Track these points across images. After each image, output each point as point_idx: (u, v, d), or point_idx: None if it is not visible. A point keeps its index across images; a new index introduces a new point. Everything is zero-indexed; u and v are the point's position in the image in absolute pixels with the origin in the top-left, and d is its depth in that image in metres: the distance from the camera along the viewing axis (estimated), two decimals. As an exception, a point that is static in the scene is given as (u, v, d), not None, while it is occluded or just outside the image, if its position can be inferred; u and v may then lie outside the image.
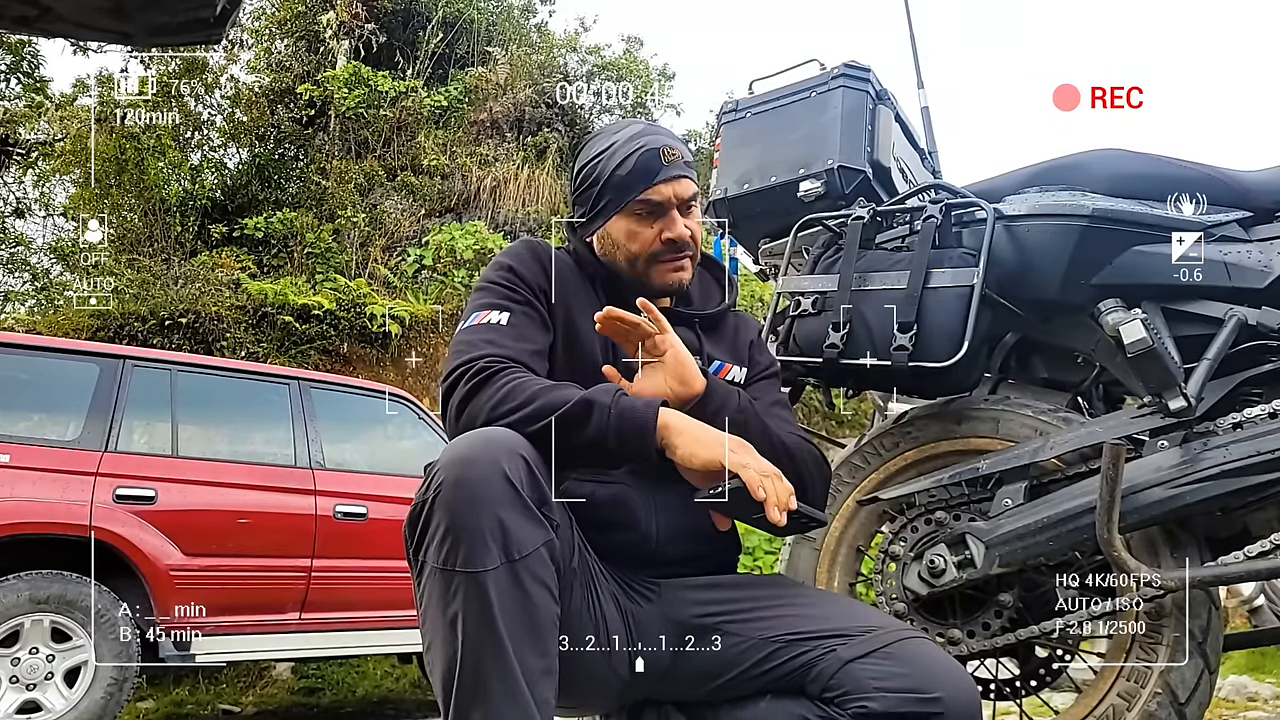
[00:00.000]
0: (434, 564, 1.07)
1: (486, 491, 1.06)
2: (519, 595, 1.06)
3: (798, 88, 2.26)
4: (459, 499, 1.06)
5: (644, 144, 1.38)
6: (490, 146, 10.33)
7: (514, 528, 1.06)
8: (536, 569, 1.08)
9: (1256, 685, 4.43)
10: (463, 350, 1.28)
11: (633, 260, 1.42)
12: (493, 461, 1.08)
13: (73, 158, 8.95)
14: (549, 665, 1.09)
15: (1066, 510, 1.71)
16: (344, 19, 10.35)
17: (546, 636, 1.09)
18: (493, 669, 1.04)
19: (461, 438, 1.14)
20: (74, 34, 1.94)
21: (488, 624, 1.04)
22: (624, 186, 1.38)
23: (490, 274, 1.40)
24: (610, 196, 1.40)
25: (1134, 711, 1.68)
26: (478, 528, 1.05)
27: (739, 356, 1.52)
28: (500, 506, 1.06)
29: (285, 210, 9.07)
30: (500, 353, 1.27)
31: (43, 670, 3.58)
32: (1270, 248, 1.79)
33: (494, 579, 1.05)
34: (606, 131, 1.47)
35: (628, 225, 1.40)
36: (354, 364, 7.61)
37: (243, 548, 4.07)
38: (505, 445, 1.11)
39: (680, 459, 1.18)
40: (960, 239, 1.93)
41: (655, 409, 1.19)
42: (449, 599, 1.06)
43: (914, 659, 1.17)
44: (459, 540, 1.05)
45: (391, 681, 5.98)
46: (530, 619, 1.07)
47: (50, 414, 4.13)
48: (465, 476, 1.07)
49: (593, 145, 1.45)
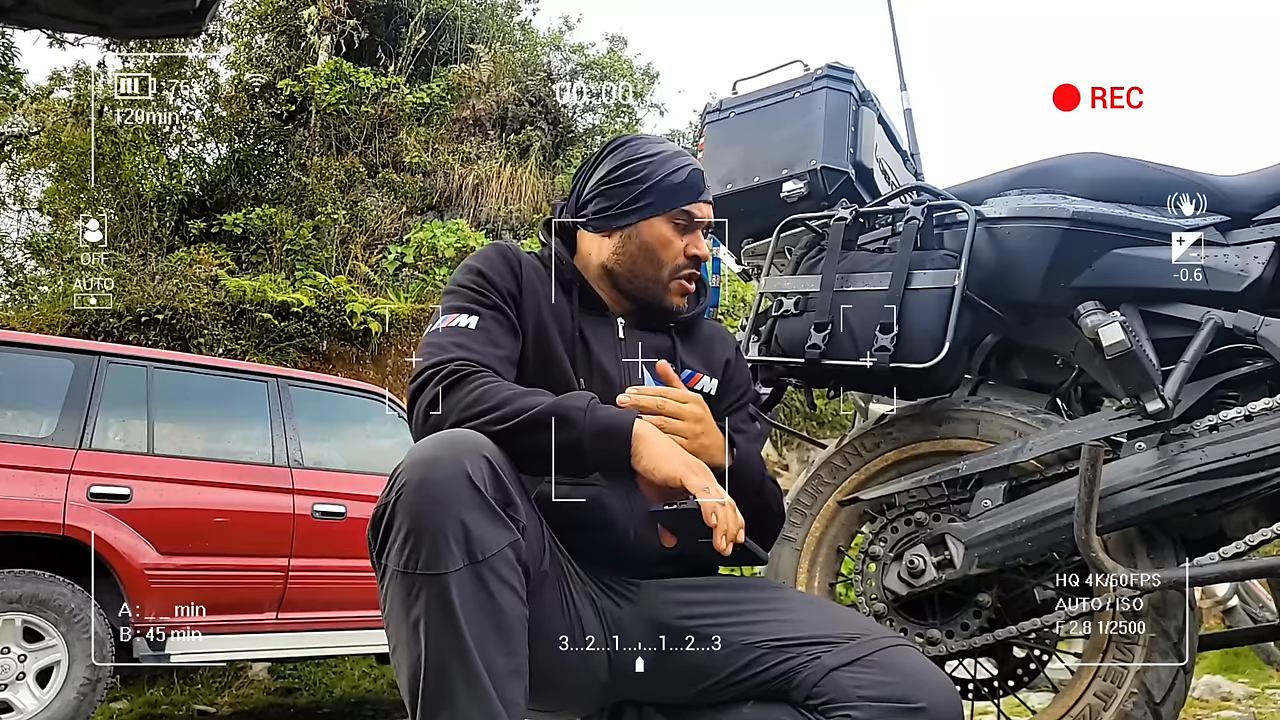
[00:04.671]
0: (395, 567, 1.06)
1: (449, 493, 1.06)
2: (483, 596, 1.05)
3: (781, 88, 2.26)
4: (421, 500, 1.06)
5: (691, 163, 1.45)
6: (473, 144, 10.29)
7: (476, 529, 1.05)
8: (501, 570, 1.07)
9: (1230, 685, 4.49)
10: (431, 353, 1.28)
11: (656, 268, 1.43)
12: (455, 462, 1.07)
13: (48, 151, 8.84)
14: (517, 666, 1.08)
15: (1045, 511, 1.72)
16: (325, 14, 10.27)
17: (513, 637, 1.08)
18: (457, 671, 1.03)
19: (425, 440, 1.13)
20: (51, 25, 1.92)
21: (451, 626, 1.04)
22: (673, 193, 1.42)
23: (459, 277, 1.39)
24: (655, 199, 1.42)
25: (1110, 711, 1.69)
26: (439, 529, 1.04)
27: (712, 367, 1.51)
28: (463, 508, 1.05)
29: (265, 206, 8.99)
30: (470, 356, 1.26)
31: (14, 670, 3.53)
32: (1247, 252, 1.80)
33: (456, 580, 1.04)
34: (648, 140, 1.48)
35: (663, 231, 1.43)
36: (334, 362, 7.55)
37: (219, 547, 4.03)
38: (469, 446, 1.10)
39: (643, 470, 1.18)
40: (942, 241, 1.94)
41: (632, 418, 1.20)
42: (411, 602, 1.05)
43: (899, 667, 1.17)
44: (420, 542, 1.05)
45: (369, 682, 5.94)
46: (496, 620, 1.06)
47: (23, 410, 4.08)
48: (428, 478, 1.06)
49: (635, 147, 1.45)
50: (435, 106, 10.59)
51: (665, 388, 1.32)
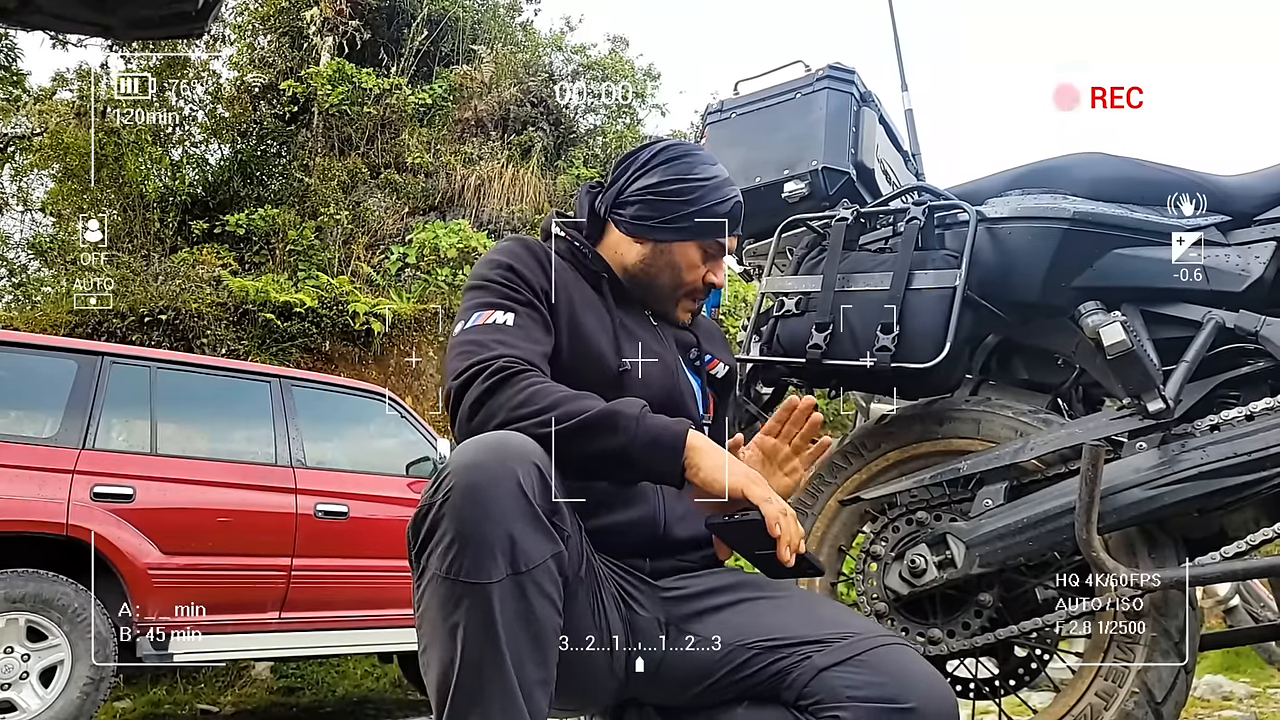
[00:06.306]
0: (437, 571, 1.05)
1: (497, 502, 1.04)
2: (522, 607, 1.04)
3: (783, 89, 2.27)
4: (468, 507, 1.04)
5: (736, 195, 1.45)
6: (475, 145, 10.30)
7: (522, 539, 1.04)
8: (542, 581, 1.06)
9: (1231, 684, 4.49)
10: (473, 350, 1.25)
11: (674, 285, 1.45)
12: (506, 470, 1.05)
13: (51, 152, 8.85)
14: (546, 676, 1.08)
15: (1046, 511, 1.72)
16: (328, 15, 10.29)
17: (547, 648, 1.07)
18: (491, 679, 1.03)
19: (473, 441, 1.11)
20: (54, 26, 1.92)
21: (489, 636, 1.03)
22: (714, 223, 1.42)
23: (487, 272, 1.36)
24: (695, 225, 1.42)
25: (1111, 710, 1.69)
26: (485, 540, 1.03)
27: (722, 353, 1.55)
28: (510, 518, 1.04)
29: (267, 207, 9.00)
30: (515, 353, 1.24)
31: (18, 670, 3.54)
32: (1248, 252, 1.80)
33: (499, 591, 1.03)
34: (702, 160, 1.46)
35: (692, 256, 1.44)
36: (336, 362, 7.56)
37: (222, 546, 4.04)
38: (519, 452, 1.08)
39: (702, 481, 1.16)
40: (943, 241, 1.94)
41: (686, 427, 1.19)
42: (451, 608, 1.04)
43: (890, 667, 1.15)
44: (465, 550, 1.03)
45: (371, 681, 5.95)
46: (532, 631, 1.05)
47: (27, 411, 4.09)
48: (476, 483, 1.05)
49: (689, 165, 1.43)
50: (437, 107, 10.60)
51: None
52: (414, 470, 4.79)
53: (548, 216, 1.51)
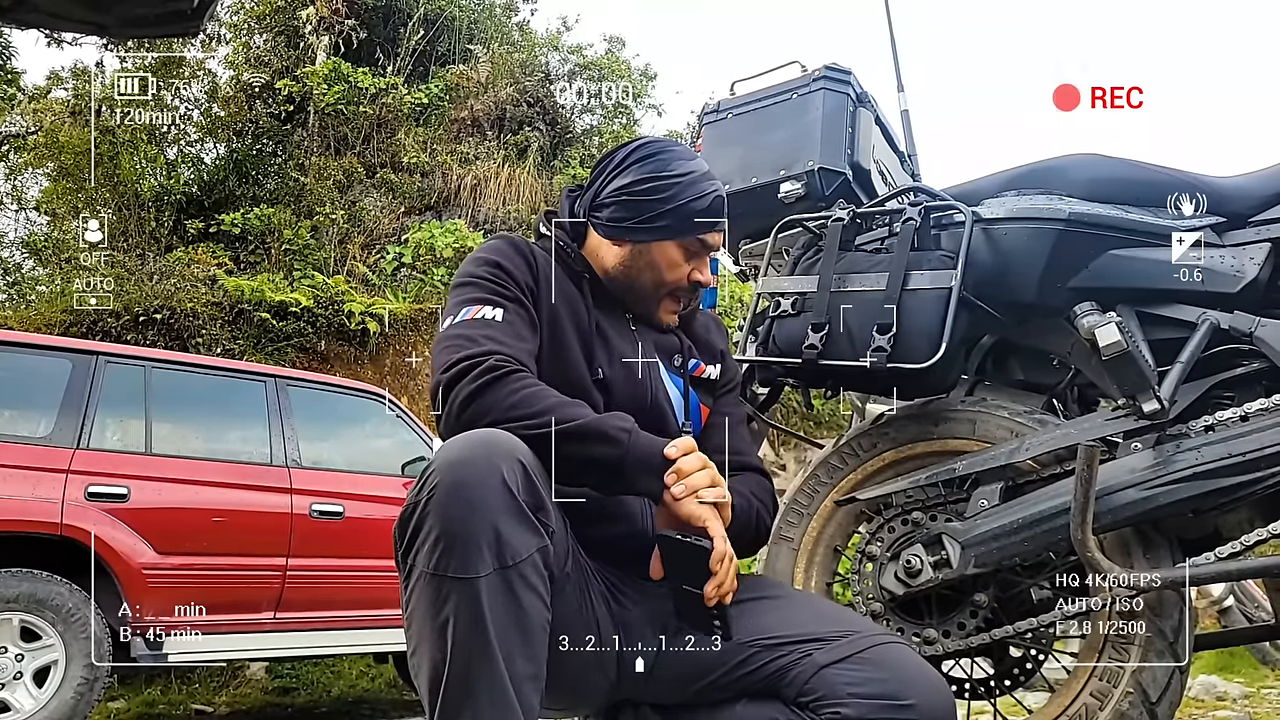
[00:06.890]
0: (425, 568, 1.05)
1: (483, 497, 1.05)
2: (510, 601, 1.05)
3: (779, 89, 2.27)
4: (453, 504, 1.05)
5: (715, 189, 1.42)
6: (471, 144, 10.29)
7: (508, 533, 1.05)
8: (529, 575, 1.07)
9: (1225, 684, 4.50)
10: (461, 345, 1.24)
11: (655, 285, 1.43)
12: (491, 466, 1.06)
13: (46, 151, 8.83)
14: (536, 670, 1.08)
15: (1041, 511, 1.72)
16: (324, 14, 10.27)
17: (536, 642, 1.08)
18: (481, 674, 1.03)
19: (458, 439, 1.12)
20: (49, 24, 1.92)
21: (479, 630, 1.03)
22: (692, 220, 1.40)
23: (475, 269, 1.36)
24: (673, 222, 1.39)
25: (1106, 710, 1.69)
26: (471, 535, 1.04)
27: (713, 356, 1.53)
28: (496, 513, 1.05)
29: (263, 206, 8.99)
30: (506, 351, 1.24)
31: (11, 670, 3.53)
32: (1243, 253, 1.81)
33: (486, 585, 1.03)
34: (677, 155, 1.43)
35: (673, 255, 1.42)
36: (332, 362, 7.55)
37: (217, 546, 4.04)
38: (503, 448, 1.09)
39: (670, 495, 1.19)
40: (939, 241, 1.94)
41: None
42: (439, 604, 1.04)
43: (889, 664, 1.17)
44: (451, 546, 1.04)
45: (367, 681, 5.95)
46: (521, 625, 1.06)
47: (21, 410, 4.08)
48: (461, 480, 1.05)
49: (663, 162, 1.41)
50: (433, 107, 10.59)
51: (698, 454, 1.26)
52: (409, 470, 4.79)
53: (539, 215, 1.51)
